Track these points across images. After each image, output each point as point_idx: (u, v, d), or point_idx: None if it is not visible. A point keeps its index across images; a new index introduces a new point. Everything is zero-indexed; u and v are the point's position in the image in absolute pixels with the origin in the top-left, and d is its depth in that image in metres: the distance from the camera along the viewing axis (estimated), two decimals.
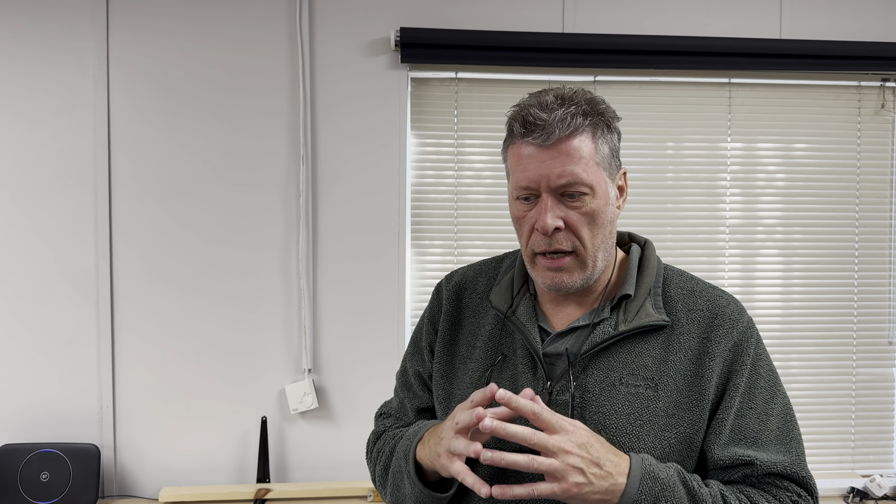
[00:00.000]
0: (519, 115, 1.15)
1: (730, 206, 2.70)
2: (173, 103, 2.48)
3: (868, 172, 2.74)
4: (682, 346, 1.16)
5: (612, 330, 1.16)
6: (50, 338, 2.45)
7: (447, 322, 1.31)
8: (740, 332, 1.18)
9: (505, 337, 1.23)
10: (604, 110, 1.16)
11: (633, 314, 1.17)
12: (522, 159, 1.14)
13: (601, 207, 1.14)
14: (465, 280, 1.34)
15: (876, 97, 2.72)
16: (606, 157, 1.15)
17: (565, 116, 1.11)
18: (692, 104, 2.68)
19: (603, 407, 1.13)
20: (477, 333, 1.27)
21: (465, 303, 1.31)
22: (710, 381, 1.15)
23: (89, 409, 2.46)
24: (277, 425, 2.51)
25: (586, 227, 1.14)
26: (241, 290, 2.51)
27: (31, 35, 2.43)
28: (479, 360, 1.24)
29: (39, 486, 2.32)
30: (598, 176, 1.14)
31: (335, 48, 2.52)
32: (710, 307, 1.19)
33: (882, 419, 2.78)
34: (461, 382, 1.25)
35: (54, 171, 2.45)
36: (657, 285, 1.21)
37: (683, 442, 1.14)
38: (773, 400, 1.19)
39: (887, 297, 2.76)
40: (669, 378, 1.14)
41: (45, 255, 2.44)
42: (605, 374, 1.15)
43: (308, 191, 2.51)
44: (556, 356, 1.18)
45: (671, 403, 1.13)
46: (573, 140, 1.11)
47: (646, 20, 2.61)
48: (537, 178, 1.12)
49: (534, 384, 1.17)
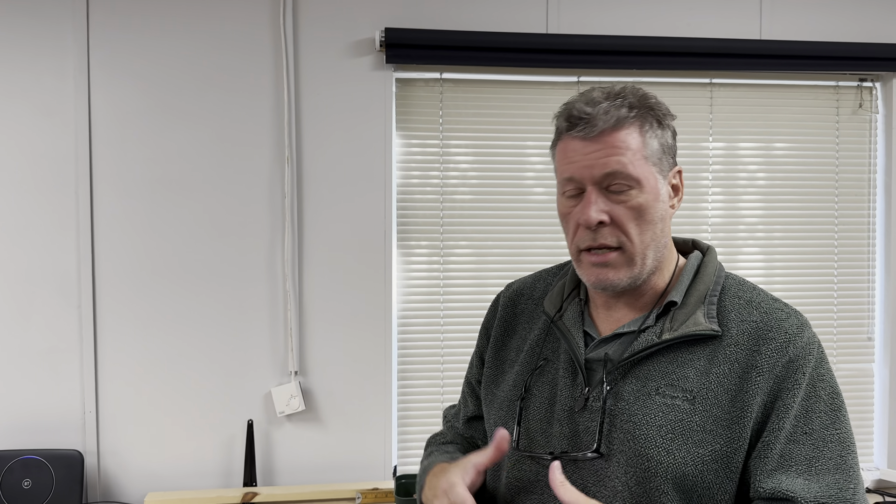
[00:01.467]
0: (565, 111, 1.14)
1: (711, 204, 2.73)
2: (156, 104, 2.45)
3: (847, 171, 2.78)
4: (727, 358, 1.09)
5: (656, 338, 1.11)
6: (31, 343, 2.41)
7: (500, 328, 1.31)
8: (798, 349, 1.09)
9: (550, 342, 1.22)
10: (654, 105, 1.14)
11: (681, 322, 1.11)
12: (567, 153, 1.12)
13: (650, 202, 1.11)
14: (523, 287, 1.34)
15: (854, 97, 2.77)
16: (656, 152, 1.12)
17: (609, 109, 1.09)
18: (674, 104, 2.62)
19: (635, 416, 1.09)
20: (526, 338, 1.27)
21: (520, 309, 1.31)
22: (754, 398, 1.07)
23: (72, 414, 2.42)
24: (264, 428, 2.50)
25: (633, 222, 1.10)
26: (226, 293, 2.48)
27: (9, 35, 2.39)
28: (523, 364, 1.24)
29: (22, 493, 2.28)
30: (646, 170, 1.10)
31: (320, 49, 2.51)
32: (764, 319, 1.12)
33: (862, 414, 2.82)
34: (505, 385, 1.25)
35: (34, 174, 2.41)
36: (713, 293, 1.15)
37: (719, 461, 1.06)
38: (833, 426, 1.08)
39: (866, 293, 2.80)
40: (710, 392, 1.08)
41: (26, 258, 2.41)
42: (642, 383, 1.11)
43: (293, 192, 2.49)
44: (597, 362, 1.15)
45: (709, 418, 1.07)
46: (619, 132, 1.09)
47: (629, 21, 2.63)
48: (581, 169, 1.10)
49: (572, 390, 1.16)
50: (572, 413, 1.14)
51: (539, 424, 1.17)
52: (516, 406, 1.20)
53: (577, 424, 1.14)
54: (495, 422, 1.24)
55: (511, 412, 1.21)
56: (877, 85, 2.77)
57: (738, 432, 1.07)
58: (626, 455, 1.09)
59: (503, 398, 1.23)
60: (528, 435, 1.17)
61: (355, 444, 2.53)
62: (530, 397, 1.19)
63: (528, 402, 1.19)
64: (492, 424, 1.25)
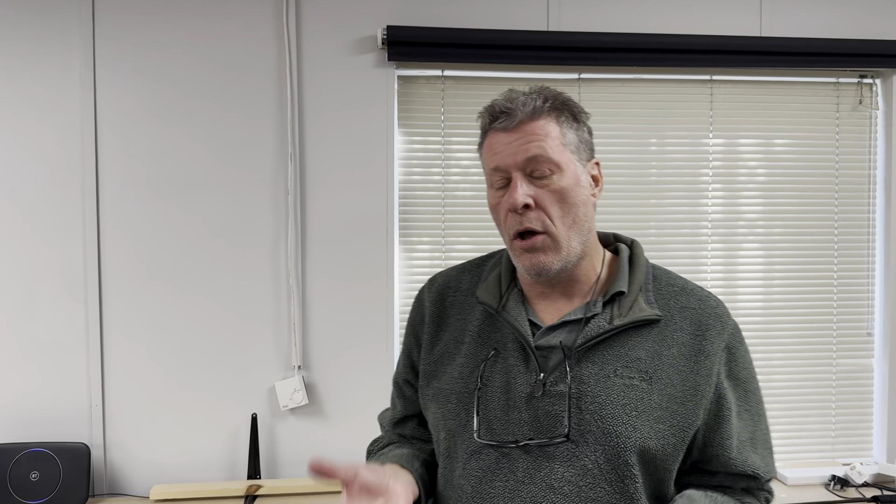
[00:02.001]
0: (487, 109, 1.22)
1: (712, 200, 2.75)
2: (160, 102, 2.48)
3: (847, 167, 2.79)
4: (675, 341, 1.20)
5: (608, 324, 1.19)
6: (39, 337, 2.45)
7: (432, 324, 1.33)
8: (730, 334, 1.23)
9: (494, 332, 1.25)
10: (567, 101, 1.22)
11: (627, 309, 1.20)
12: (493, 146, 1.20)
13: (571, 186, 1.18)
14: (448, 280, 1.36)
15: (854, 93, 2.78)
16: (573, 141, 1.20)
17: (527, 101, 1.18)
18: (675, 101, 2.72)
19: (599, 397, 1.15)
20: (464, 329, 1.29)
21: (449, 302, 1.33)
22: (707, 380, 1.18)
23: (79, 408, 2.46)
24: (268, 422, 2.53)
25: (556, 205, 1.18)
26: (231, 288, 2.52)
27: (16, 34, 2.42)
28: (469, 355, 1.25)
29: (29, 485, 2.32)
30: (566, 156, 1.19)
31: (322, 47, 2.53)
32: (701, 306, 1.23)
33: (861, 409, 2.84)
34: (449, 377, 1.26)
35: (41, 171, 2.44)
36: (647, 282, 1.25)
37: (676, 435, 1.16)
38: (760, 403, 1.26)
39: (866, 289, 2.82)
40: (663, 372, 1.17)
41: (34, 254, 2.44)
42: (599, 366, 1.17)
43: (296, 189, 2.52)
44: (547, 349, 1.20)
45: (665, 397, 1.17)
46: (538, 121, 1.17)
47: (629, 18, 2.64)
48: (505, 158, 1.18)
49: (527, 376, 1.19)
50: (531, 399, 1.18)
51: (496, 413, 1.20)
52: (473, 397, 1.22)
53: (536, 409, 1.17)
54: (444, 416, 1.25)
55: (465, 403, 1.22)
56: (877, 81, 2.78)
57: (692, 409, 1.17)
58: (595, 435, 1.14)
59: (451, 391, 1.25)
60: (486, 424, 1.20)
61: (357, 437, 2.53)
62: (484, 386, 1.22)
63: (483, 392, 1.21)
64: (440, 419, 1.26)
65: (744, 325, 2.72)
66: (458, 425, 1.22)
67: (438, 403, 1.26)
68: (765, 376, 2.78)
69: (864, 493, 2.43)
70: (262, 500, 2.39)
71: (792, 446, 2.81)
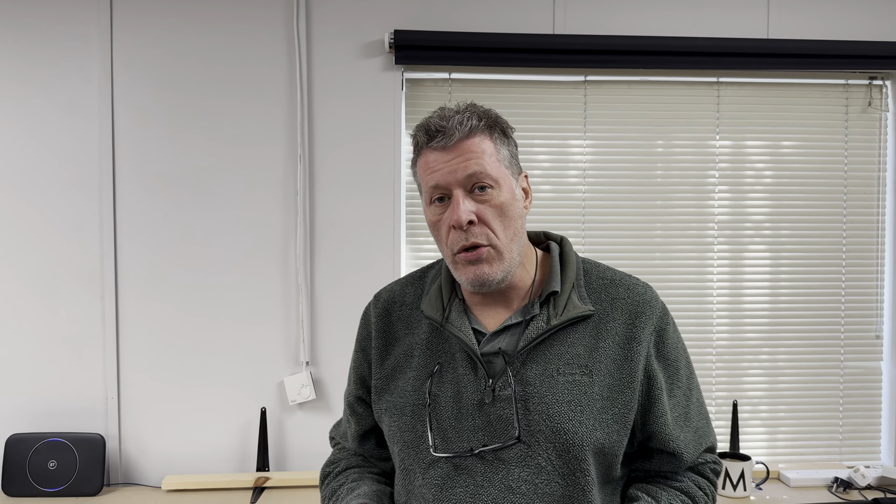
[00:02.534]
0: (422, 127, 1.24)
1: (718, 203, 2.76)
2: (174, 105, 2.56)
3: (856, 169, 2.78)
4: (609, 332, 1.25)
5: (545, 325, 1.24)
6: (57, 332, 2.54)
7: (380, 339, 1.35)
8: (659, 317, 1.28)
9: (441, 343, 1.29)
10: (497, 118, 1.26)
11: (563, 308, 1.25)
12: (430, 164, 1.23)
13: (509, 201, 1.23)
14: (393, 295, 1.39)
15: (863, 95, 2.77)
16: (506, 157, 1.25)
17: (462, 119, 1.21)
18: (681, 103, 2.74)
19: (545, 397, 1.20)
20: (412, 343, 1.32)
21: (395, 316, 1.36)
22: (638, 364, 1.24)
23: (95, 400, 2.55)
24: (277, 416, 2.59)
25: (497, 219, 1.22)
26: (241, 286, 2.59)
27: (38, 38, 2.51)
28: (419, 368, 1.29)
29: (47, 473, 2.41)
30: (501, 171, 1.23)
31: (331, 50, 2.59)
32: (630, 295, 1.28)
33: (870, 412, 2.83)
34: (402, 392, 1.29)
35: (61, 170, 2.53)
36: (578, 278, 1.30)
37: (619, 422, 1.22)
38: (690, 377, 1.33)
39: (874, 291, 2.81)
40: (601, 364, 1.23)
41: (52, 251, 2.53)
42: (543, 366, 1.22)
43: (305, 188, 2.58)
44: (493, 355, 1.24)
45: (605, 387, 1.22)
46: (473, 139, 1.21)
47: (635, 21, 2.66)
48: (445, 175, 1.21)
49: (476, 384, 1.23)
50: (482, 405, 1.22)
51: (450, 422, 1.23)
52: (424, 412, 1.25)
53: (488, 415, 1.21)
54: (400, 429, 1.28)
55: (419, 416, 1.25)
56: (887, 83, 2.77)
57: (629, 395, 1.23)
58: (545, 434, 1.19)
59: (403, 406, 1.27)
60: (441, 435, 1.23)
61: None
62: (435, 400, 1.25)
63: (434, 406, 1.25)
64: (395, 432, 1.29)
65: (749, 327, 2.74)
66: (413, 437, 1.26)
67: (392, 417, 1.29)
68: (770, 377, 2.79)
69: (865, 496, 2.43)
70: (269, 492, 2.45)
71: (798, 448, 2.81)
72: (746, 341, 2.78)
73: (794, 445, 2.81)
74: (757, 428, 2.80)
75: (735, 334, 2.78)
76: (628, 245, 2.71)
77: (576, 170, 2.71)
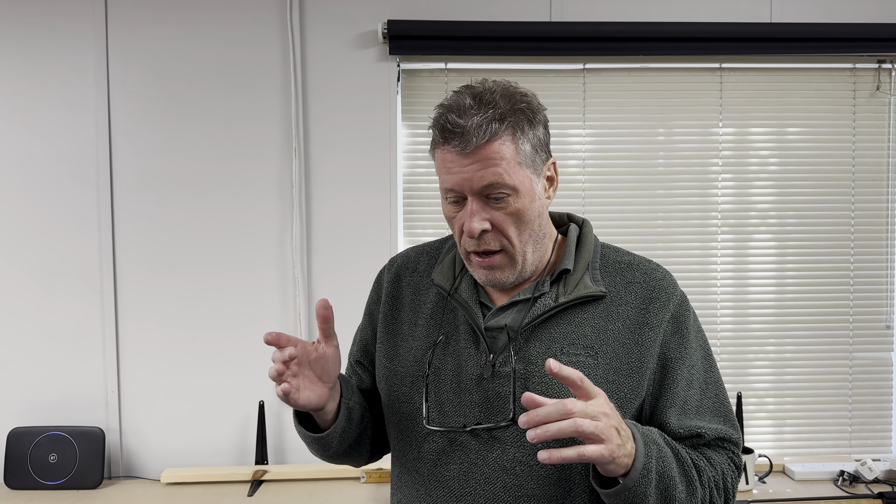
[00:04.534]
0: (438, 121, 1.16)
1: (722, 191, 2.70)
2: (170, 100, 2.56)
3: (864, 155, 2.71)
4: (620, 315, 1.21)
5: (553, 302, 1.20)
6: (57, 326, 2.56)
7: (388, 304, 1.33)
8: (676, 305, 1.24)
9: (447, 314, 1.26)
10: (523, 107, 1.17)
11: (573, 287, 1.21)
12: (446, 164, 1.16)
13: (526, 206, 1.17)
14: (407, 261, 1.37)
15: (872, 79, 2.70)
16: (529, 155, 1.17)
17: (482, 123, 1.12)
18: (683, 90, 2.68)
19: (546, 377, 1.16)
20: (419, 311, 1.30)
21: (405, 282, 1.34)
22: (649, 350, 1.20)
23: (95, 394, 2.57)
24: (275, 409, 2.60)
25: (513, 226, 1.17)
26: (239, 280, 2.59)
27: (35, 36, 2.53)
28: (422, 338, 1.27)
29: (48, 466, 2.44)
30: (521, 175, 1.16)
31: (325, 42, 2.57)
32: (646, 279, 1.25)
33: (881, 404, 2.76)
34: (404, 360, 1.27)
35: (59, 167, 2.55)
36: (594, 260, 1.26)
37: (622, 407, 1.17)
38: (710, 369, 1.27)
39: (885, 280, 2.74)
40: (608, 346, 1.19)
41: (52, 247, 2.55)
42: (546, 344, 1.19)
43: (301, 182, 2.57)
44: (497, 330, 1.22)
45: (610, 370, 1.18)
46: (492, 145, 1.13)
47: (634, 7, 2.61)
48: (460, 182, 1.15)
49: (477, 358, 1.20)
50: (481, 380, 1.19)
51: (448, 396, 1.21)
52: (421, 382, 1.23)
53: (486, 391, 1.19)
54: (398, 399, 1.26)
55: (417, 387, 1.24)
56: None
57: (637, 381, 1.19)
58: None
59: (404, 374, 1.26)
60: (438, 408, 1.21)
61: None
62: (435, 371, 1.23)
63: (434, 377, 1.22)
64: (393, 402, 1.27)
65: (755, 317, 2.69)
66: (410, 409, 1.24)
67: (392, 385, 1.28)
68: (776, 369, 2.73)
69: (872, 490, 2.37)
70: (267, 485, 2.46)
71: (807, 441, 2.75)
72: (752, 332, 2.73)
73: (803, 438, 2.76)
74: (763, 421, 2.74)
75: (740, 325, 2.72)
76: (630, 236, 2.66)
77: (575, 160, 2.67)
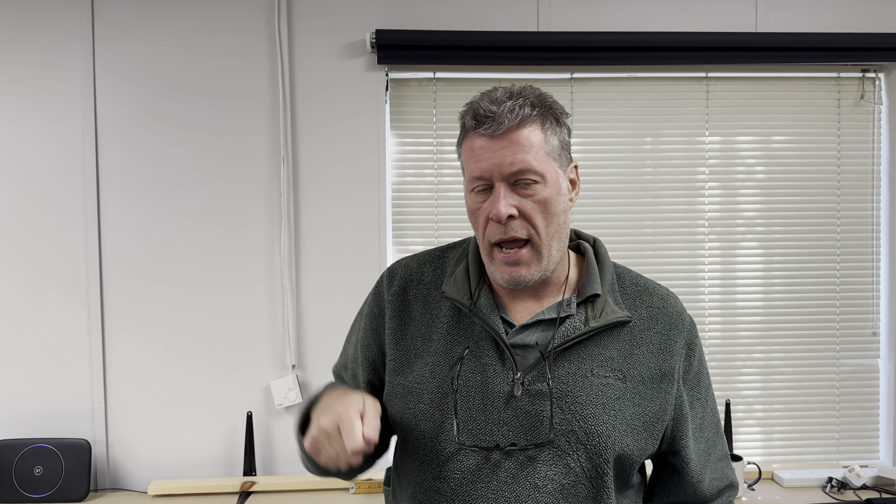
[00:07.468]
0: (470, 109, 1.18)
1: (709, 199, 2.72)
2: (157, 108, 2.55)
3: (849, 163, 2.74)
4: (643, 340, 1.23)
5: (584, 326, 1.20)
6: (43, 337, 2.54)
7: (395, 320, 1.29)
8: (689, 330, 1.28)
9: (465, 329, 1.22)
10: (552, 104, 1.19)
11: (601, 311, 1.21)
12: (475, 151, 1.17)
13: (553, 196, 1.17)
14: (409, 273, 1.31)
15: (856, 88, 2.72)
16: (556, 149, 1.18)
17: (514, 107, 1.15)
18: (669, 99, 2.70)
19: (579, 397, 1.16)
20: (432, 325, 1.25)
21: (412, 295, 1.29)
22: (671, 376, 1.23)
23: (81, 405, 2.54)
24: (263, 420, 2.58)
25: (540, 215, 1.17)
26: (227, 290, 2.57)
27: (20, 44, 2.51)
28: (440, 354, 1.22)
29: (33, 479, 2.41)
30: (549, 165, 1.17)
31: (313, 51, 2.57)
32: (663, 305, 1.27)
33: (867, 411, 2.78)
34: (418, 376, 1.22)
35: (44, 176, 2.53)
36: (613, 283, 1.26)
37: (648, 430, 1.20)
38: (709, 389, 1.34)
39: (871, 287, 2.76)
40: (635, 370, 1.21)
41: (37, 257, 2.53)
42: (576, 366, 1.18)
43: (289, 191, 2.57)
44: (522, 347, 1.19)
45: (637, 394, 1.20)
46: (523, 130, 1.15)
47: (621, 17, 2.63)
48: (490, 167, 1.15)
49: (504, 375, 1.18)
50: (510, 398, 1.17)
51: (474, 413, 1.17)
52: (448, 398, 1.18)
53: (516, 409, 1.17)
54: (416, 416, 1.21)
55: (439, 404, 1.19)
56: (880, 76, 2.72)
57: (661, 406, 1.22)
58: (577, 434, 1.16)
59: (423, 390, 1.21)
60: (465, 425, 1.17)
61: None
62: (460, 388, 1.18)
63: (458, 393, 1.18)
64: (410, 419, 1.22)
65: (742, 325, 2.71)
66: (432, 426, 1.19)
67: (407, 402, 1.22)
68: (764, 376, 2.74)
69: (860, 496, 2.38)
70: (255, 497, 2.44)
71: (795, 448, 2.76)
72: (740, 340, 2.74)
73: (791, 445, 2.77)
74: (752, 428, 2.75)
75: (728, 333, 2.73)
76: (618, 244, 2.66)
77: None
